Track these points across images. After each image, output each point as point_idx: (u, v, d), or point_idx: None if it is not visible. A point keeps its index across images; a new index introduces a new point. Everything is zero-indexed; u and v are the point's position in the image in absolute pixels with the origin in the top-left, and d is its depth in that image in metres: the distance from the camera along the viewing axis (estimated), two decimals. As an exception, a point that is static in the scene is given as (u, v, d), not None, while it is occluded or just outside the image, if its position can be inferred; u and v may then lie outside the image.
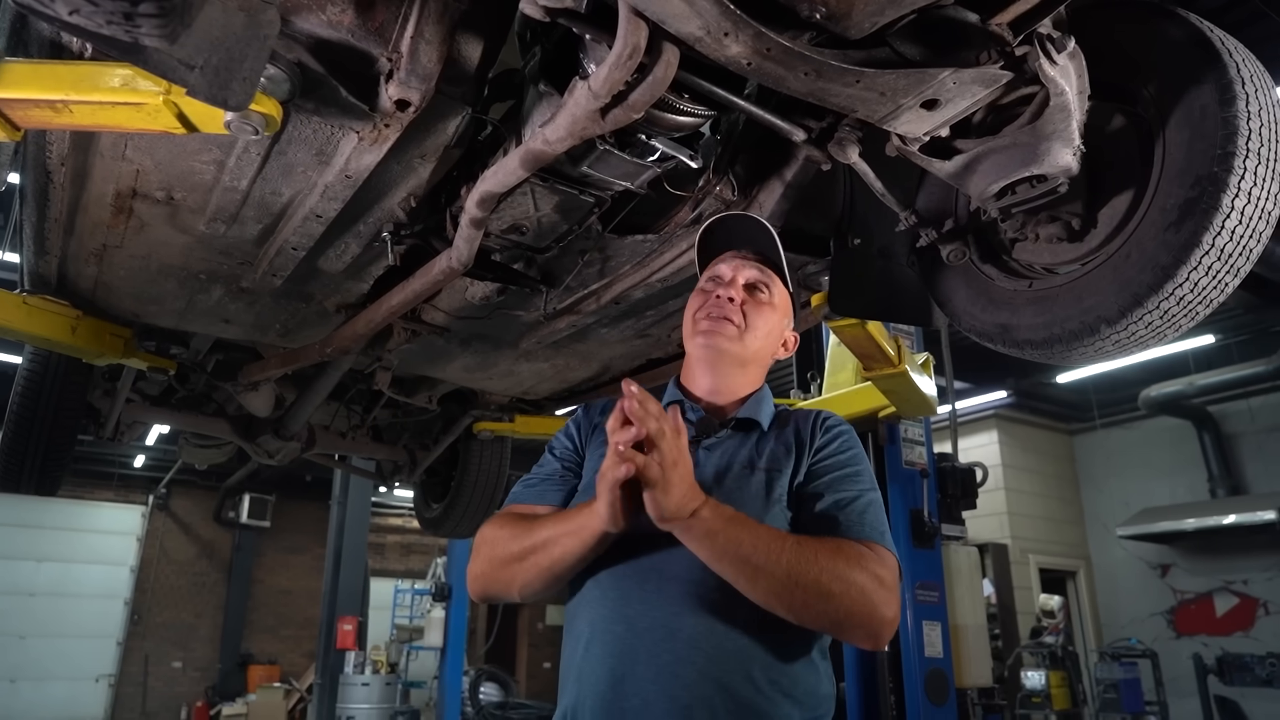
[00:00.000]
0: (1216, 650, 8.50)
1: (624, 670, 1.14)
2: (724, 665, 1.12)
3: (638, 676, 1.13)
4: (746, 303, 1.36)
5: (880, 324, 2.73)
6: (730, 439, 1.32)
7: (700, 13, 1.08)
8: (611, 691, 1.13)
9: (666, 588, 1.16)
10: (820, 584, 1.07)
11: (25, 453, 2.83)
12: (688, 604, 1.15)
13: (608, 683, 1.14)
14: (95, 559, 12.28)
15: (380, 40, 1.36)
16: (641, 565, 1.19)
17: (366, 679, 8.43)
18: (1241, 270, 1.29)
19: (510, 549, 1.21)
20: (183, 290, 2.35)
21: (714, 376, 1.36)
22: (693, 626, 1.13)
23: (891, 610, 1.11)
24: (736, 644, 1.14)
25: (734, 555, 1.08)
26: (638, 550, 1.19)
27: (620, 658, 1.15)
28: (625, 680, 1.13)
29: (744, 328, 1.34)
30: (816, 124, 1.48)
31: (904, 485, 4.00)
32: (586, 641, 1.19)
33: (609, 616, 1.18)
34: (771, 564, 1.07)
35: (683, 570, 1.16)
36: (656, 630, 1.14)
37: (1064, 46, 1.19)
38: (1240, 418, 9.54)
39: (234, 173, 1.75)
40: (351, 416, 3.79)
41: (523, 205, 1.86)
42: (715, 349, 1.34)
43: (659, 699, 1.11)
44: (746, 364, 1.37)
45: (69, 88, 1.33)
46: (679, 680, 1.11)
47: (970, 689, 4.12)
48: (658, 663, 1.12)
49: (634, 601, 1.17)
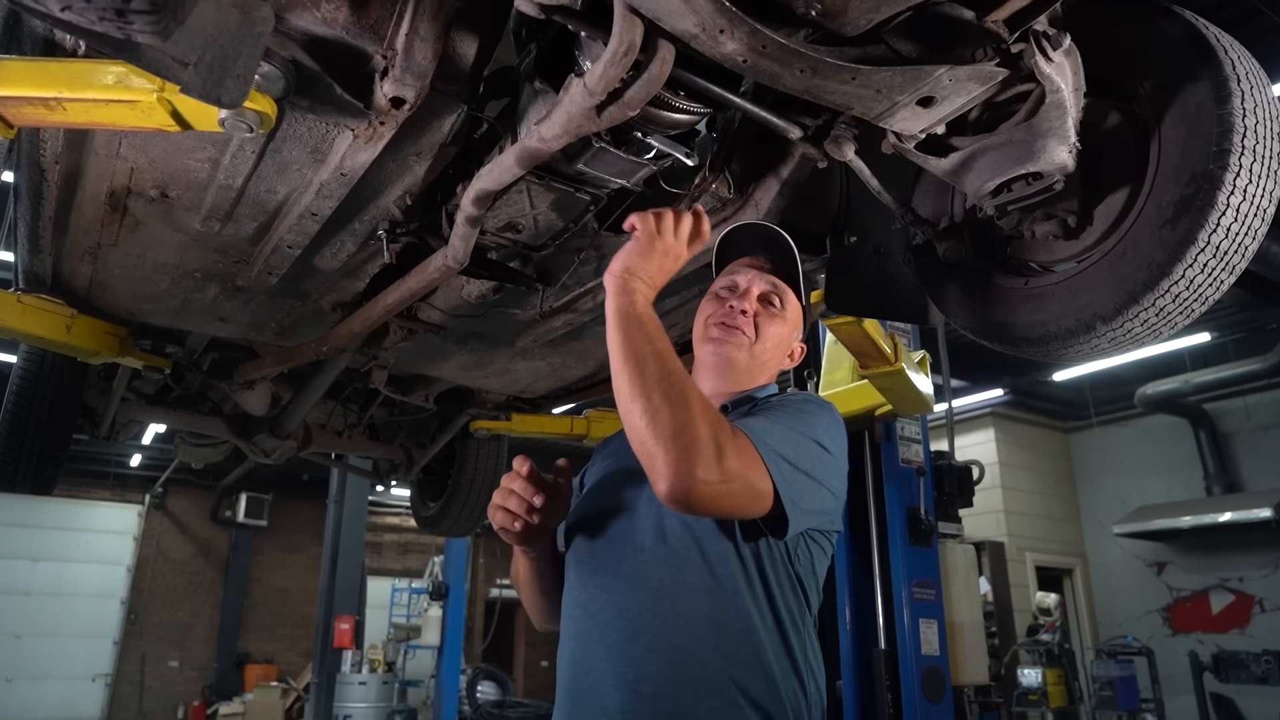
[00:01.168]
0: (1212, 647, 8.53)
1: (581, 651, 1.21)
2: (673, 640, 1.15)
3: (592, 656, 1.19)
4: (759, 314, 1.38)
5: (877, 322, 2.74)
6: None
7: (696, 10, 1.08)
8: (571, 671, 1.22)
9: (620, 569, 1.23)
10: (667, 405, 1.03)
11: (20, 452, 2.82)
12: (635, 584, 1.20)
13: (568, 664, 1.23)
14: (91, 558, 12.25)
15: (375, 37, 1.36)
16: (599, 552, 1.27)
17: (364, 678, 8.43)
18: (1237, 268, 1.30)
19: None
20: (178, 288, 2.34)
21: (720, 383, 1.38)
22: (640, 604, 1.19)
23: (706, 474, 1.01)
24: (685, 619, 1.16)
25: (631, 342, 1.10)
26: (598, 540, 1.28)
27: (579, 639, 1.23)
28: (581, 661, 1.21)
29: (754, 339, 1.36)
30: (812, 121, 1.48)
31: (900, 483, 4.01)
32: (562, 629, 1.29)
33: (571, 602, 1.28)
34: (650, 369, 1.06)
35: (632, 554, 1.23)
36: (608, 610, 1.21)
37: (1060, 44, 1.19)
38: (1236, 415, 9.56)
39: (229, 170, 1.74)
40: (348, 415, 3.78)
41: (519, 203, 1.86)
42: (724, 358, 1.37)
43: (608, 675, 1.16)
44: (755, 373, 1.39)
45: (62, 85, 1.32)
46: (626, 657, 1.16)
47: (967, 687, 4.12)
48: (607, 641, 1.18)
49: (590, 586, 1.25)
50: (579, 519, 1.34)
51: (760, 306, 1.38)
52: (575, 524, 1.34)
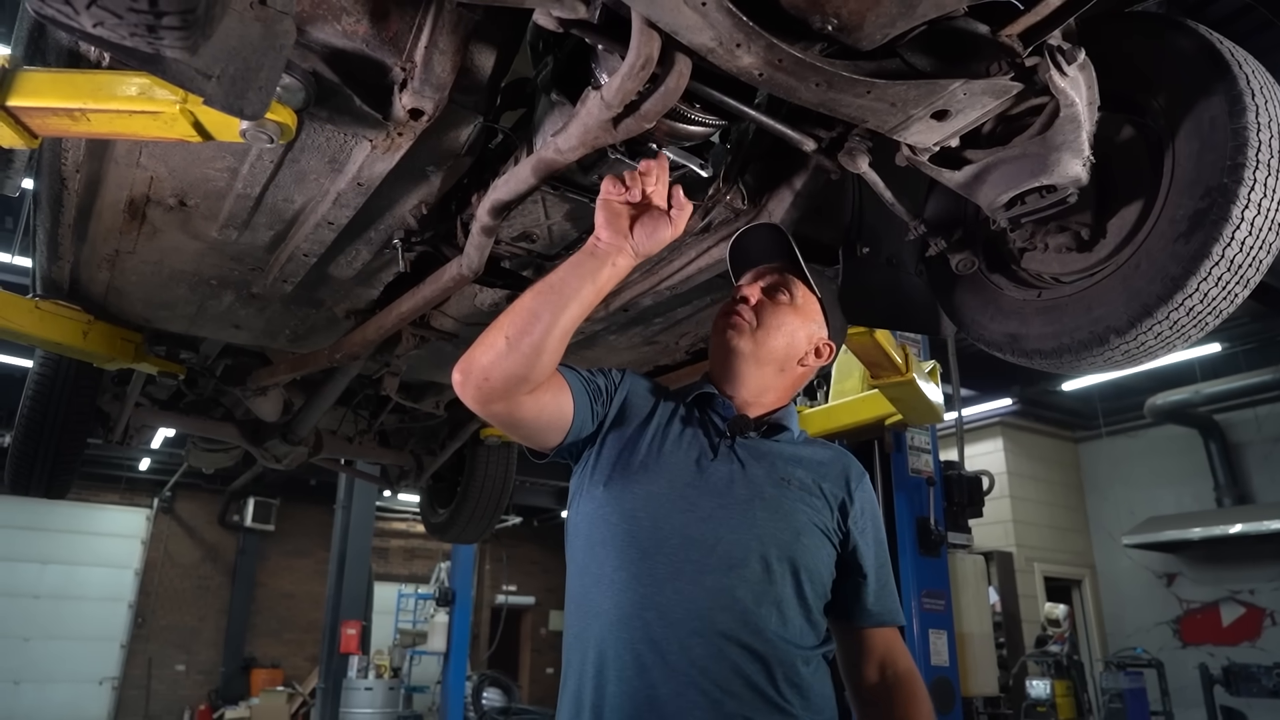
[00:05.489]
0: (1223, 660, 8.46)
1: (653, 658, 1.16)
2: (751, 665, 1.16)
3: (670, 666, 1.15)
4: (762, 303, 1.42)
5: (888, 332, 2.74)
6: (761, 443, 1.37)
7: (713, 24, 1.09)
8: (639, 679, 1.16)
9: (703, 581, 1.19)
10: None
11: (35, 456, 2.84)
12: (720, 600, 1.18)
13: (634, 669, 1.16)
14: (99, 562, 12.30)
15: (394, 50, 1.37)
16: (674, 553, 1.22)
17: (370, 683, 8.43)
18: (1251, 281, 1.30)
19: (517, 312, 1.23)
20: (194, 296, 2.36)
21: (731, 372, 1.41)
22: (726, 623, 1.17)
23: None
24: (765, 643, 1.17)
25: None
26: (670, 538, 1.23)
27: (651, 644, 1.17)
28: (651, 669, 1.15)
29: (755, 326, 1.39)
30: (827, 134, 1.49)
31: (910, 493, 4.00)
32: (612, 623, 1.20)
33: (638, 602, 1.20)
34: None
35: (718, 566, 1.20)
36: (691, 621, 1.17)
37: (1074, 58, 1.20)
38: (1247, 426, 9.51)
39: (247, 180, 1.76)
40: (359, 421, 3.79)
41: (533, 213, 1.87)
42: (726, 345, 1.41)
43: (689, 690, 1.13)
44: (762, 362, 1.40)
45: (87, 96, 1.34)
46: (708, 675, 1.14)
47: (976, 698, 4.11)
48: (690, 655, 1.15)
49: (667, 591, 1.19)
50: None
51: (765, 296, 1.42)
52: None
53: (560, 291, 1.20)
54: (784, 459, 1.35)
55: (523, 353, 1.18)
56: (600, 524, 1.28)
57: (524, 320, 1.19)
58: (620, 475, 1.30)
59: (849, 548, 1.34)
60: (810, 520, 1.28)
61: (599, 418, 1.38)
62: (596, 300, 1.24)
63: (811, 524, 1.28)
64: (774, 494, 1.28)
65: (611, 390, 1.42)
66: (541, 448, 1.36)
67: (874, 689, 1.36)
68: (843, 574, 1.34)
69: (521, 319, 1.19)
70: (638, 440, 1.35)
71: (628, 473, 1.30)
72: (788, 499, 1.29)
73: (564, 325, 1.20)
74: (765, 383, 1.41)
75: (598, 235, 1.24)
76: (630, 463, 1.31)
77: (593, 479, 1.33)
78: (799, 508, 1.28)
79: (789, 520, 1.26)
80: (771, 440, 1.38)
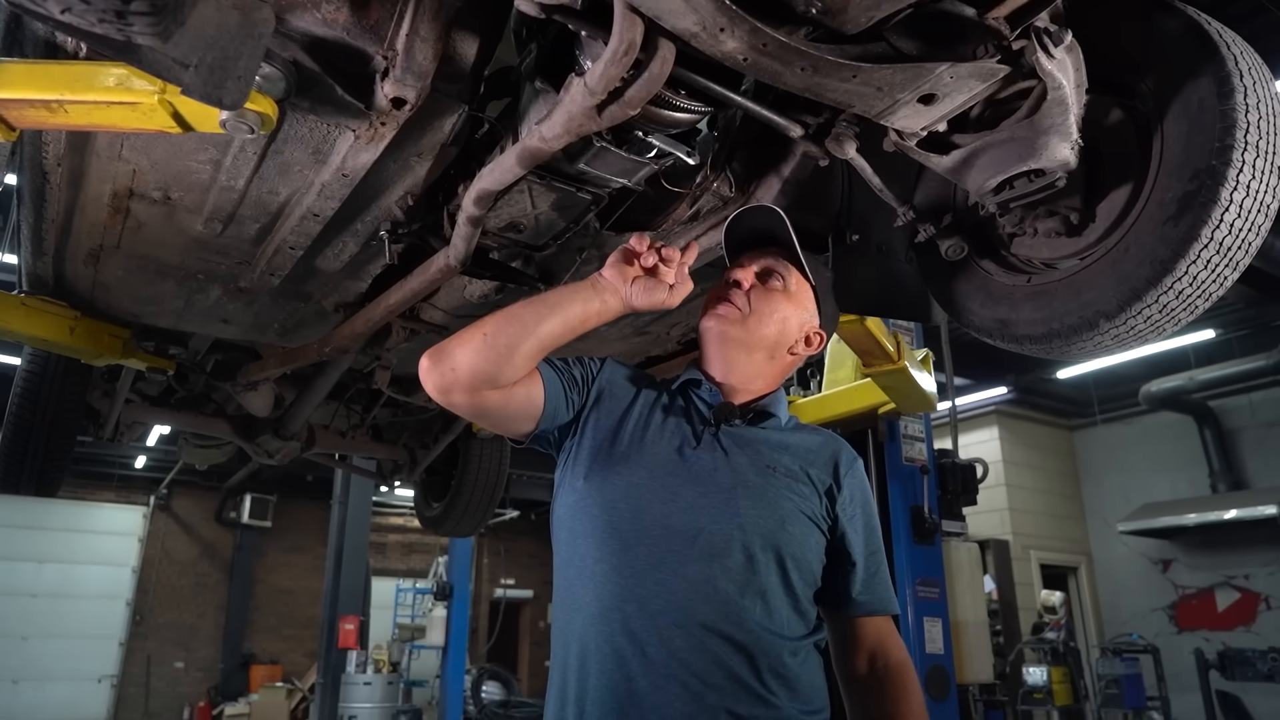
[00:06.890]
0: (1218, 645, 8.52)
1: (632, 651, 1.15)
2: (733, 657, 1.15)
3: (649, 659, 1.14)
4: (755, 289, 1.39)
5: (879, 320, 2.74)
6: (746, 430, 1.35)
7: (696, 9, 1.07)
8: (619, 672, 1.15)
9: (684, 572, 1.19)
10: None
11: (25, 454, 2.82)
12: (702, 592, 1.17)
13: (614, 662, 1.16)
14: (97, 560, 12.27)
15: (375, 38, 1.36)
16: (655, 544, 1.21)
17: (368, 678, 8.45)
18: (1240, 264, 1.29)
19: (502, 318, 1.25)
20: (181, 290, 2.34)
21: (721, 358, 1.39)
22: (707, 614, 1.16)
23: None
24: (748, 634, 1.16)
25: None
26: (652, 528, 1.22)
27: (630, 637, 1.16)
28: (630, 661, 1.15)
29: (748, 311, 1.37)
30: (813, 119, 1.48)
31: (904, 482, 4.01)
32: (593, 615, 1.20)
33: (618, 594, 1.19)
34: None
35: (700, 556, 1.19)
36: (671, 613, 1.16)
37: (1061, 40, 1.19)
38: (1241, 413, 9.54)
39: (230, 172, 1.74)
40: (351, 416, 3.78)
41: (520, 203, 1.85)
42: (716, 331, 1.39)
43: (669, 683, 1.13)
44: (753, 349, 1.38)
45: (64, 87, 1.32)
46: (688, 667, 1.13)
47: (972, 685, 4.13)
48: (670, 647, 1.14)
49: (648, 582, 1.19)
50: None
51: (758, 281, 1.40)
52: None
53: (546, 303, 1.26)
54: (770, 446, 1.33)
55: (496, 350, 1.20)
56: (582, 516, 1.27)
57: (505, 321, 1.23)
58: (601, 466, 1.29)
59: (837, 535, 1.32)
60: (797, 508, 1.27)
61: (575, 406, 1.36)
62: (580, 325, 1.27)
63: (798, 511, 1.26)
64: (758, 482, 1.27)
65: (589, 380, 1.40)
66: (513, 435, 1.37)
67: (863, 680, 1.33)
68: (832, 562, 1.32)
69: (503, 319, 1.23)
70: (619, 430, 1.34)
71: (609, 463, 1.29)
72: (773, 487, 1.27)
73: (541, 334, 1.23)
74: (755, 369, 1.39)
75: (602, 271, 1.29)
76: (611, 453, 1.30)
77: (574, 470, 1.32)
78: (785, 495, 1.27)
79: (774, 508, 1.24)
80: (758, 427, 1.36)
